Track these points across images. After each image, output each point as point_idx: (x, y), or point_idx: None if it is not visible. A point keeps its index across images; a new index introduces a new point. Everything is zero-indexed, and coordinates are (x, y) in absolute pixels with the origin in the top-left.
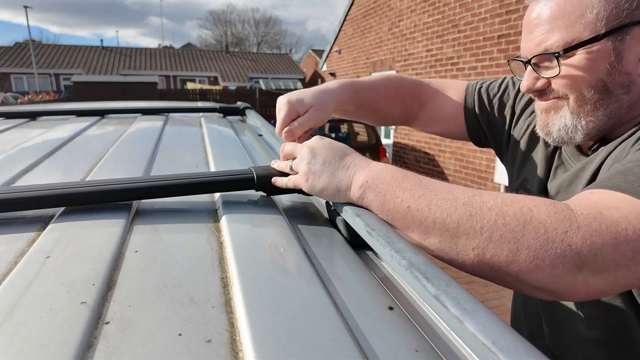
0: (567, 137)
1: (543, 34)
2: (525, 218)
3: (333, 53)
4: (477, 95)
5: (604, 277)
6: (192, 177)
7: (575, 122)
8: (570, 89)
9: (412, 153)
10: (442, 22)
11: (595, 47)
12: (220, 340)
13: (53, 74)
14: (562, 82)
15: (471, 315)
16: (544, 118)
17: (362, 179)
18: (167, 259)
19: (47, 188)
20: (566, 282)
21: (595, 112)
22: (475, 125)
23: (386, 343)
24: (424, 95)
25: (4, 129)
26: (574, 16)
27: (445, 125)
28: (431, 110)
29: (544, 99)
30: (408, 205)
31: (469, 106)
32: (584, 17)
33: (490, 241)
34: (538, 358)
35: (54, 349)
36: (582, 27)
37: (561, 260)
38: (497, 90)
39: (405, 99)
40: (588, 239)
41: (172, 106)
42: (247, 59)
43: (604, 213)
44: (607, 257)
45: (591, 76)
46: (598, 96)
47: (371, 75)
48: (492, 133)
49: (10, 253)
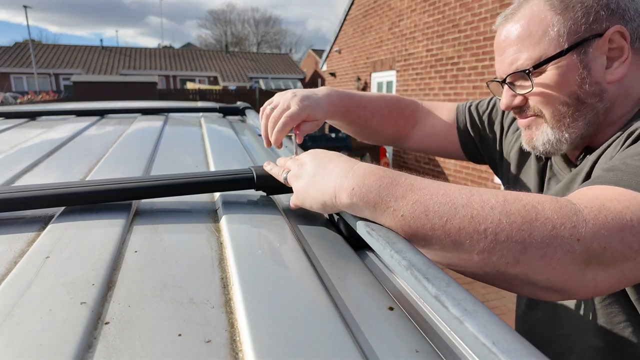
0: (552, 149)
1: (513, 54)
2: (531, 215)
3: (333, 53)
4: (468, 113)
5: (611, 271)
6: (191, 176)
7: (558, 136)
8: (546, 105)
9: (413, 153)
10: (442, 22)
11: (563, 61)
12: (220, 340)
13: (53, 74)
14: (537, 98)
15: (471, 316)
16: (528, 134)
17: (348, 185)
18: (166, 259)
19: (46, 188)
20: (576, 279)
21: (575, 123)
22: (468, 142)
23: (386, 343)
24: (417, 115)
25: (4, 129)
26: (537, 35)
27: (439, 142)
28: (424, 129)
29: (523, 116)
30: (402, 214)
31: (460, 124)
32: (547, 34)
33: (497, 243)
34: (538, 358)
35: (54, 349)
36: (546, 44)
37: (570, 257)
38: (485, 107)
39: (399, 119)
40: (597, 232)
41: (172, 106)
42: (247, 59)
43: (607, 205)
44: (615, 250)
45: (564, 89)
46: (573, 108)
47: (366, 93)
48: (485, 149)
49: (10, 253)
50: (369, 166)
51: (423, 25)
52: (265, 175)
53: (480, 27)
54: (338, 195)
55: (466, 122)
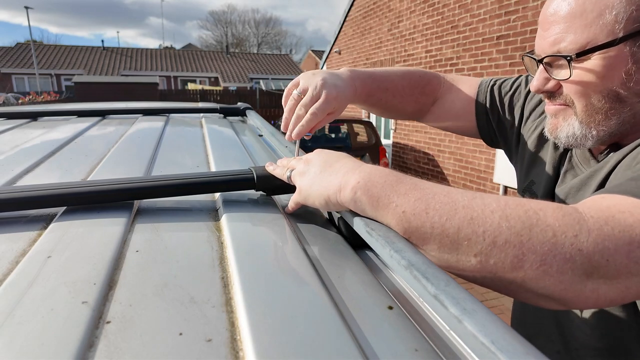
0: (576, 143)
1: (558, 33)
2: (531, 221)
3: (333, 54)
4: (490, 93)
5: (615, 285)
6: (192, 177)
7: (584, 132)
8: (580, 97)
9: (412, 153)
10: (441, 23)
11: (612, 52)
12: (221, 339)
13: (54, 75)
14: (572, 87)
15: (470, 315)
16: (553, 122)
17: (354, 180)
18: (167, 259)
19: (48, 188)
20: (575, 289)
21: (607, 122)
22: (485, 123)
23: (386, 342)
24: (438, 91)
25: (6, 130)
26: (591, 16)
27: (456, 120)
28: (443, 105)
29: (553, 102)
30: (403, 210)
31: (480, 104)
32: (602, 17)
33: (494, 246)
34: (537, 357)
35: (55, 349)
36: (598, 29)
37: (570, 266)
38: (509, 88)
39: (420, 97)
40: (600, 243)
41: (173, 107)
42: (248, 60)
43: (617, 217)
44: (620, 264)
45: (605, 84)
46: (609, 105)
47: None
48: (502, 132)
49: (12, 253)
50: (376, 166)
51: (422, 27)
52: (265, 175)
53: (479, 28)
54: (342, 189)
55: (486, 103)
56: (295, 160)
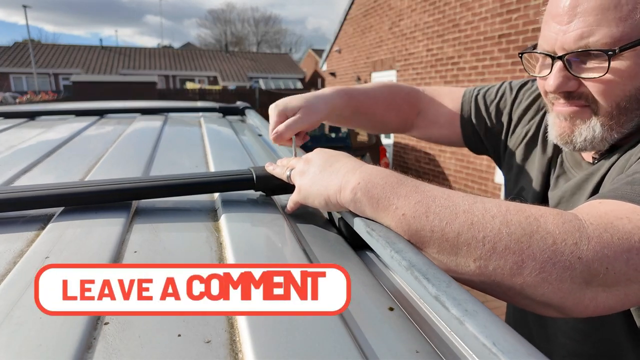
0: (590, 147)
1: (585, 26)
2: (532, 228)
3: (333, 52)
4: (474, 102)
5: (613, 293)
6: (191, 177)
7: (604, 135)
8: (606, 97)
9: (413, 153)
10: (442, 22)
11: None
12: (220, 340)
13: (52, 74)
14: (598, 86)
15: (472, 316)
16: (567, 125)
17: (354, 181)
18: (166, 259)
19: (46, 188)
20: (574, 297)
21: (629, 124)
22: (471, 133)
23: (386, 344)
24: (420, 103)
25: (3, 129)
26: (626, 8)
27: (441, 132)
28: (427, 117)
29: (571, 102)
30: (403, 213)
31: (464, 114)
32: (637, 11)
33: (494, 252)
34: (538, 359)
35: (53, 350)
36: (635, 23)
37: (570, 274)
38: (494, 96)
39: (402, 106)
40: (599, 251)
41: (172, 106)
42: (247, 59)
43: (615, 224)
44: (619, 271)
45: (633, 83)
46: (636, 106)
47: (366, 83)
48: (490, 140)
49: (9, 253)
50: (377, 167)
51: (423, 25)
52: (264, 175)
53: (481, 26)
54: (343, 190)
55: (471, 113)
56: (295, 159)
